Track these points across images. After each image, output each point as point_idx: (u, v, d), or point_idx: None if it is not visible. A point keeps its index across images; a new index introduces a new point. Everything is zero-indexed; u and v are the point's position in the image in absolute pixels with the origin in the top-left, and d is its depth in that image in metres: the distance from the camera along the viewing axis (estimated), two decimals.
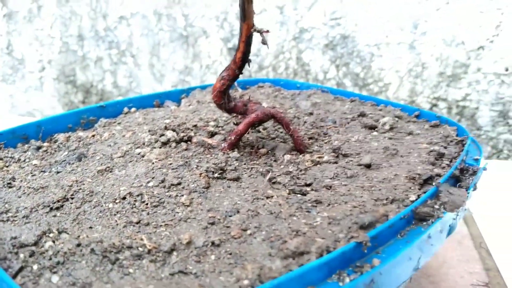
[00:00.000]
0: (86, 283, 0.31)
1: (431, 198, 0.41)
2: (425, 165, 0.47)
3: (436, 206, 0.40)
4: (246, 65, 0.51)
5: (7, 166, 0.50)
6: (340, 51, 1.23)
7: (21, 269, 0.32)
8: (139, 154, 0.51)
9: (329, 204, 0.40)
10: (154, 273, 0.32)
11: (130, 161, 0.49)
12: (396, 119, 0.62)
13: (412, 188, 0.44)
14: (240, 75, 0.51)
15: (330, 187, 0.43)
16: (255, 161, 0.50)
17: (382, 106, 0.67)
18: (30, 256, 0.33)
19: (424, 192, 0.43)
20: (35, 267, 0.33)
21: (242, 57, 0.50)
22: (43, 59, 1.47)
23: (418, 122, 0.63)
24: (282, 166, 0.48)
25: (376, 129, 0.58)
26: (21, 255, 0.33)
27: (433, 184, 0.44)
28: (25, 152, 0.54)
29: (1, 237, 0.35)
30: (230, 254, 0.34)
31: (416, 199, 0.42)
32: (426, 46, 1.16)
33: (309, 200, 0.41)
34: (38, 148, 0.55)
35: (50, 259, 0.33)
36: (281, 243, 0.35)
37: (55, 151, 0.54)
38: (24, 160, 0.51)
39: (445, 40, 1.14)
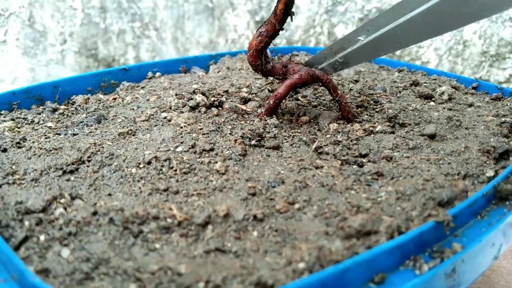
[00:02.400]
0: (102, 259, 0.25)
1: None
2: (499, 138, 0.40)
3: None
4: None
5: (18, 127, 0.44)
6: None
7: (25, 239, 0.27)
8: (165, 118, 0.45)
9: (392, 178, 0.34)
10: (186, 250, 0.26)
11: (156, 125, 0.43)
12: (453, 89, 0.54)
13: (487, 162, 0.37)
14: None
15: (391, 158, 0.36)
16: (296, 130, 0.44)
17: (435, 76, 0.59)
18: (37, 224, 0.28)
19: (502, 167, 0.36)
20: (42, 237, 0.27)
21: (285, 9, 0.43)
22: (65, 32, 1.42)
23: (477, 94, 0.56)
24: (328, 136, 0.42)
25: (433, 99, 0.51)
26: (26, 223, 0.28)
27: (511, 158, 0.37)
28: (39, 114, 0.48)
29: (5, 202, 0.29)
30: (276, 231, 0.28)
31: (494, 175, 0.35)
32: None
33: (368, 172, 0.34)
34: (54, 110, 0.49)
35: (61, 229, 0.27)
36: (340, 220, 0.28)
37: (72, 113, 0.48)
38: (38, 122, 0.46)
39: (490, 17, 1.04)
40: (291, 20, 0.45)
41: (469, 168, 0.36)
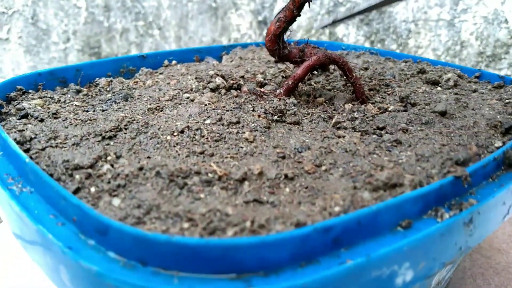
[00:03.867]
0: (153, 205, 0.27)
1: None
2: (504, 115, 0.43)
3: None
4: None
5: (48, 105, 0.46)
6: (376, 27, 1.18)
7: (77, 190, 0.29)
8: (188, 98, 0.47)
9: (410, 145, 0.36)
10: (227, 200, 0.28)
11: (180, 104, 0.45)
12: (458, 78, 0.57)
13: (495, 135, 0.39)
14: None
15: (407, 130, 0.39)
16: (313, 109, 0.46)
17: (440, 66, 0.62)
18: (87, 178, 0.30)
19: (509, 140, 0.39)
20: (92, 189, 0.29)
21: None
22: (68, 30, 1.44)
23: (479, 83, 0.59)
24: (344, 114, 0.44)
25: (439, 84, 0.54)
26: (77, 177, 0.30)
27: None
28: (64, 94, 0.50)
29: (53, 160, 0.32)
30: (306, 188, 0.31)
31: (502, 146, 0.38)
32: (466, 24, 1.10)
33: (387, 140, 0.37)
34: (78, 91, 0.51)
35: (109, 182, 0.29)
36: (367, 176, 0.31)
37: (97, 94, 0.50)
38: (65, 101, 0.48)
39: (486, 18, 1.08)
40: (309, 6, 0.48)
41: (479, 139, 0.38)
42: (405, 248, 0.25)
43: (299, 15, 0.48)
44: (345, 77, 0.48)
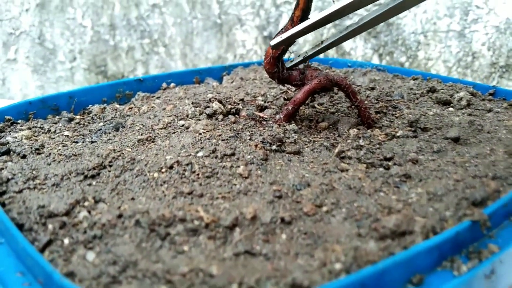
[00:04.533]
0: (130, 261, 0.24)
1: None
2: None
3: None
4: None
5: (35, 136, 0.44)
6: (384, 39, 1.15)
7: (49, 242, 0.26)
8: (183, 125, 0.44)
9: (420, 180, 0.33)
10: (215, 252, 0.25)
11: (174, 132, 0.43)
12: (471, 96, 0.53)
13: None
14: None
15: (416, 161, 0.36)
16: (315, 135, 0.43)
17: (451, 83, 0.59)
18: (61, 227, 0.27)
19: None
20: (66, 241, 0.26)
21: (302, 15, 0.43)
22: (75, 49, 1.43)
23: (494, 100, 0.55)
24: (349, 141, 0.41)
25: (451, 104, 0.50)
26: (50, 226, 0.27)
27: None
28: (55, 123, 0.48)
29: (27, 206, 0.29)
30: (305, 233, 0.27)
31: None
32: (477, 34, 1.07)
33: (395, 174, 0.33)
34: (70, 120, 0.49)
35: (85, 232, 0.27)
36: (372, 221, 0.27)
37: (89, 123, 0.48)
38: (55, 131, 0.45)
39: (498, 28, 1.05)
40: None
41: (497, 170, 0.35)
42: None
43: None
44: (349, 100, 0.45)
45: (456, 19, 1.07)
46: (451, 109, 0.49)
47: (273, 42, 0.44)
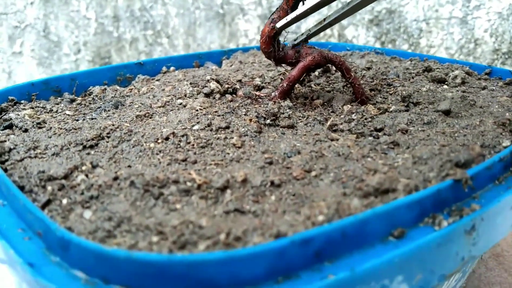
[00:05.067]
0: (124, 217, 0.25)
1: None
2: None
3: None
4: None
5: (38, 115, 0.45)
6: (386, 27, 1.15)
7: (48, 202, 0.27)
8: (180, 104, 0.45)
9: (408, 147, 0.34)
10: (206, 210, 0.26)
11: (172, 110, 0.44)
12: (466, 75, 0.54)
13: (502, 134, 0.36)
14: None
15: (406, 131, 0.37)
16: (310, 112, 0.44)
17: (448, 64, 0.59)
18: (59, 189, 0.28)
19: None
20: (64, 201, 0.27)
21: None
22: (79, 41, 1.45)
23: (490, 79, 0.55)
24: (342, 116, 0.42)
25: (446, 82, 0.51)
26: (49, 188, 0.28)
27: None
28: (58, 104, 0.49)
29: (28, 171, 0.30)
30: (294, 195, 0.28)
31: (510, 145, 0.35)
32: (479, 21, 1.07)
33: (384, 142, 0.34)
34: (72, 100, 0.50)
35: (82, 193, 0.28)
36: (358, 181, 0.28)
37: (90, 103, 0.49)
38: (57, 111, 0.47)
39: (501, 14, 1.05)
40: (303, 4, 0.46)
41: (485, 139, 0.36)
42: (396, 260, 0.23)
43: None
44: (343, 78, 0.46)
45: (458, 6, 1.07)
46: (445, 86, 0.50)
47: (279, 24, 0.45)
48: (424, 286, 0.25)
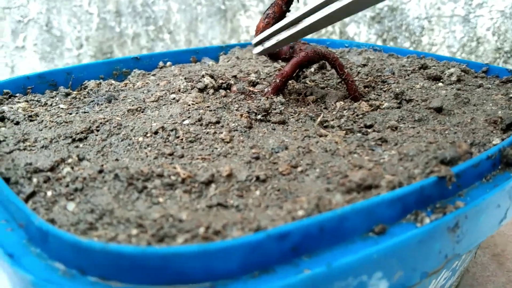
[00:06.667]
0: (106, 210, 0.25)
1: None
2: (506, 110, 0.40)
3: None
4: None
5: (32, 108, 0.45)
6: (388, 24, 1.15)
7: (32, 194, 0.27)
8: (173, 99, 0.45)
9: (396, 144, 0.34)
10: (189, 204, 0.26)
11: (164, 104, 0.44)
12: (463, 73, 0.54)
13: (493, 132, 0.36)
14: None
15: (396, 128, 0.36)
16: (302, 108, 0.44)
17: (445, 61, 0.59)
18: (45, 181, 0.28)
19: (509, 136, 0.36)
20: (49, 193, 0.28)
21: None
22: (81, 36, 1.45)
23: (487, 78, 0.55)
24: (334, 112, 0.42)
25: (441, 80, 0.51)
26: (34, 180, 0.28)
27: None
28: (52, 97, 0.49)
29: (15, 163, 0.30)
30: (278, 190, 0.28)
31: (500, 143, 0.35)
32: (482, 19, 1.06)
33: (372, 138, 0.34)
34: (67, 94, 0.50)
35: (67, 185, 0.28)
36: (341, 177, 0.28)
37: (85, 97, 0.49)
38: (51, 104, 0.47)
39: (503, 12, 1.04)
40: (297, 1, 0.46)
41: (475, 137, 0.35)
42: (375, 256, 0.23)
43: (289, 11, 0.46)
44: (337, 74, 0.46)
45: (460, 4, 1.06)
46: (440, 84, 0.50)
47: (255, 40, 0.42)
48: (405, 283, 0.25)
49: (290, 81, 0.49)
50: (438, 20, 1.11)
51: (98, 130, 0.36)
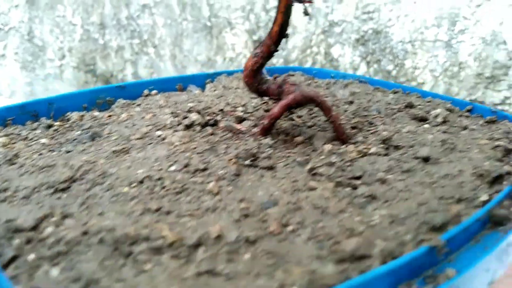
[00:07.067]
0: (92, 279, 0.24)
1: (508, 198, 0.34)
2: (492, 162, 0.40)
3: None
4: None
5: (12, 143, 0.44)
6: (372, 47, 1.16)
7: (14, 258, 0.26)
8: (159, 136, 0.45)
9: (386, 201, 0.34)
10: (176, 272, 0.26)
11: (150, 143, 0.43)
12: (448, 112, 0.54)
13: (481, 186, 0.37)
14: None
15: (384, 181, 0.36)
16: (290, 150, 0.44)
17: (430, 98, 0.60)
18: (27, 243, 0.27)
19: (496, 192, 0.36)
20: (32, 256, 0.26)
21: (279, 30, 0.43)
22: (64, 47, 1.43)
23: (471, 117, 0.56)
24: (322, 157, 0.42)
25: (427, 121, 0.51)
26: (16, 241, 0.27)
27: (505, 182, 0.37)
28: (34, 130, 0.48)
29: None
30: (269, 253, 0.28)
31: (489, 200, 0.35)
32: (464, 45, 1.08)
33: (361, 194, 0.34)
34: (49, 126, 0.49)
35: (50, 248, 0.27)
36: (333, 243, 0.28)
37: (67, 130, 0.48)
38: (32, 138, 0.45)
39: (484, 39, 1.06)
40: (286, 41, 0.46)
41: (463, 192, 0.36)
42: None
43: (277, 50, 0.46)
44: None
45: (443, 29, 1.08)
46: (426, 125, 0.50)
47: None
48: None
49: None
50: (421, 44, 1.13)
51: (82, 179, 0.35)
